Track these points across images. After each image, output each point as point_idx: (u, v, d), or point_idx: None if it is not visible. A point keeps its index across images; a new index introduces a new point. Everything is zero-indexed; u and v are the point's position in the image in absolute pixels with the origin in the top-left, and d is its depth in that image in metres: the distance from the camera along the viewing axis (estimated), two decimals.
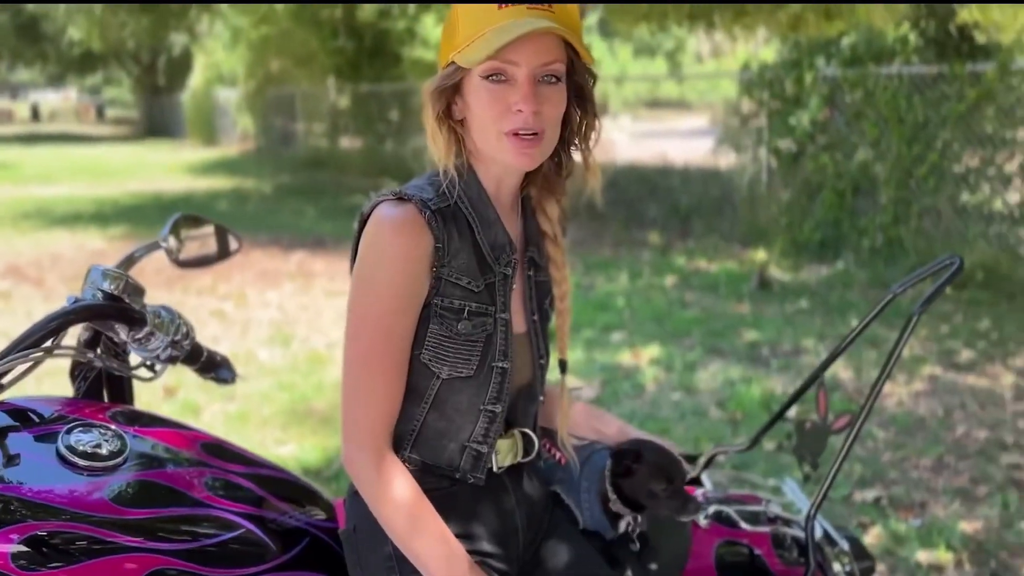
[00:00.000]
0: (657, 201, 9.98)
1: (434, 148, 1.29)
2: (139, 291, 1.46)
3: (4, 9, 27.95)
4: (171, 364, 1.53)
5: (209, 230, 1.75)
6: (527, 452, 1.40)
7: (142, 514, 1.21)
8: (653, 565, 1.50)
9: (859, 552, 1.68)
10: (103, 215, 11.45)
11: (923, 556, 2.97)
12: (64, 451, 1.22)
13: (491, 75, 1.23)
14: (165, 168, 18.56)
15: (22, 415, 1.28)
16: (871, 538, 3.07)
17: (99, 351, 1.48)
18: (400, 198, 1.26)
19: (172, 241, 1.68)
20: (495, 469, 1.35)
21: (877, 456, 3.79)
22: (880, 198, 7.59)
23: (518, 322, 1.36)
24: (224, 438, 1.52)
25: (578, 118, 1.33)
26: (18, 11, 27.72)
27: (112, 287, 1.43)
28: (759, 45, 13.72)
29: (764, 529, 1.65)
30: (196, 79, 27.08)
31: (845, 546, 1.66)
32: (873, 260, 7.43)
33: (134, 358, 1.53)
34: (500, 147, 1.25)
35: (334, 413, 4.24)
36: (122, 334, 1.45)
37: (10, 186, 14.99)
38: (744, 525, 1.64)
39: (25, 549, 1.11)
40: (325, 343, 5.55)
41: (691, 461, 1.53)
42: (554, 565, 1.40)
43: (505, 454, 1.37)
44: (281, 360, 5.24)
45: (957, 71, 7.04)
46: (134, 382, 1.55)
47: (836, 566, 1.65)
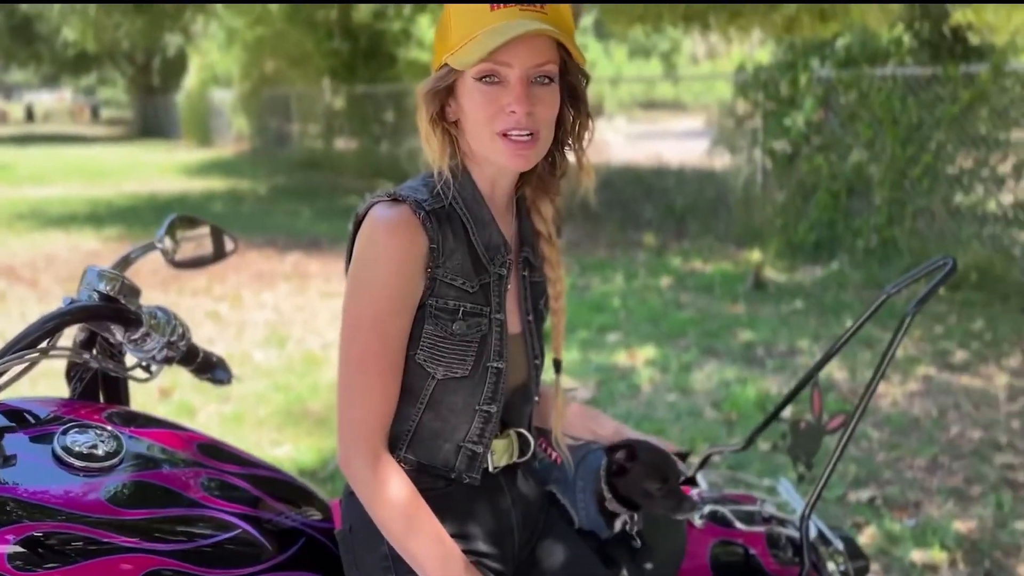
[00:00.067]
0: (652, 202, 9.99)
1: (428, 150, 1.29)
2: (135, 292, 1.46)
3: None
4: (167, 365, 1.53)
5: (205, 231, 1.76)
6: (522, 452, 1.41)
7: (138, 515, 1.21)
8: (648, 564, 1.51)
9: (853, 552, 1.69)
10: (98, 216, 11.43)
11: (917, 556, 2.98)
12: (60, 452, 1.22)
13: (484, 77, 1.23)
14: (160, 169, 18.53)
15: (18, 416, 1.29)
16: (865, 538, 3.08)
17: (95, 352, 1.48)
18: (395, 199, 1.26)
19: (168, 242, 1.68)
20: (491, 469, 1.36)
21: (871, 456, 3.80)
22: (874, 199, 7.61)
23: (513, 322, 1.36)
24: (220, 439, 1.52)
25: (571, 118, 1.33)
26: (12, 12, 27.62)
27: (108, 288, 1.43)
28: (754, 46, 13.75)
29: (759, 529, 1.65)
30: (191, 80, 27.03)
31: (839, 546, 1.66)
32: (867, 261, 7.45)
33: (130, 359, 1.53)
34: (494, 148, 1.26)
35: (330, 414, 4.24)
36: (118, 335, 1.45)
37: (4, 187, 14.95)
38: (739, 525, 1.64)
39: (21, 550, 1.11)
40: (320, 344, 5.55)
41: (683, 458, 1.53)
42: (550, 565, 1.41)
43: (501, 454, 1.37)
44: (276, 361, 5.23)
45: (951, 72, 7.06)
46: (130, 383, 1.55)
47: (831, 566, 1.66)
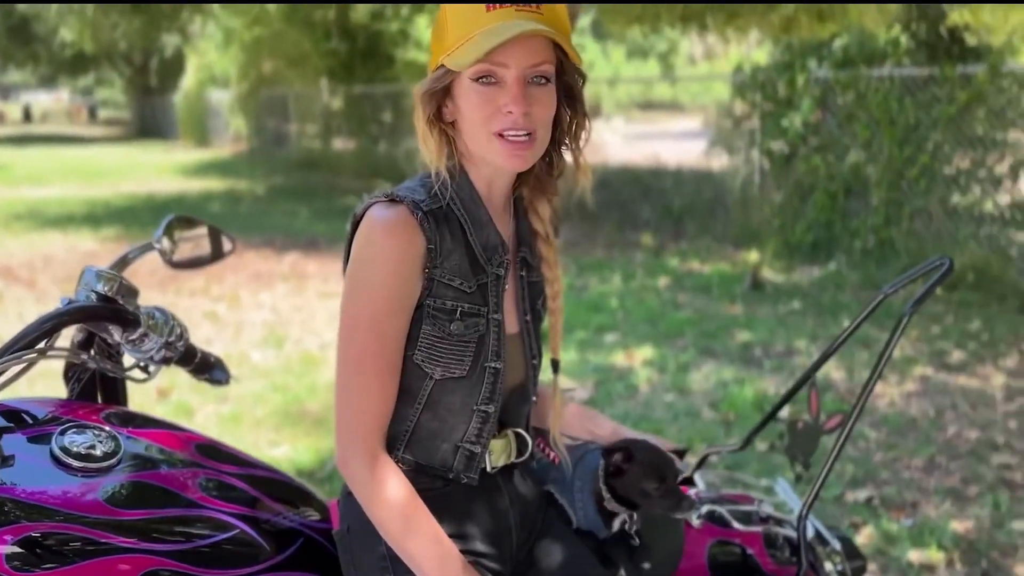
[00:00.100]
0: (650, 203, 9.99)
1: (425, 150, 1.30)
2: (133, 292, 1.47)
3: None
4: (165, 365, 1.53)
5: (202, 231, 1.76)
6: (520, 452, 1.41)
7: (136, 515, 1.21)
8: (646, 564, 1.51)
9: (851, 552, 1.69)
10: (95, 216, 11.42)
11: (914, 556, 2.98)
12: (58, 452, 1.22)
13: (481, 77, 1.23)
14: (157, 169, 18.52)
15: (16, 416, 1.29)
16: (863, 538, 3.09)
17: (93, 352, 1.48)
18: (392, 200, 1.26)
19: (166, 242, 1.68)
20: (488, 469, 1.36)
21: (869, 456, 3.81)
22: (872, 200, 7.62)
23: (511, 322, 1.37)
24: (218, 439, 1.52)
25: (568, 118, 1.33)
26: (9, 12, 27.60)
27: (106, 288, 1.43)
28: (751, 47, 13.76)
29: (756, 529, 1.66)
30: (188, 80, 27.01)
31: (837, 546, 1.67)
32: (865, 261, 7.46)
33: (128, 359, 1.53)
34: (491, 149, 1.26)
35: (327, 414, 4.24)
36: (116, 335, 1.45)
37: (2, 187, 14.93)
38: (737, 525, 1.64)
39: (19, 550, 1.11)
40: (318, 344, 5.55)
41: (681, 455, 1.53)
42: (547, 565, 1.41)
43: (498, 454, 1.37)
44: (274, 361, 5.23)
45: (948, 73, 7.07)
46: (128, 383, 1.55)
47: (828, 565, 1.66)
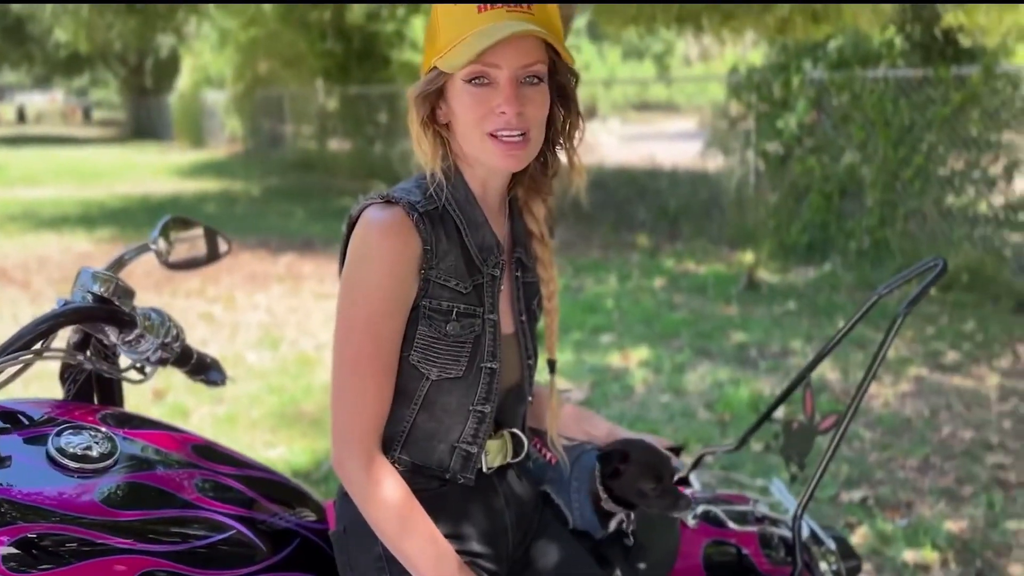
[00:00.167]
0: (646, 203, 10.00)
1: (420, 153, 1.30)
2: (129, 293, 1.47)
3: None
4: (161, 366, 1.53)
5: (198, 232, 1.76)
6: (516, 452, 1.41)
7: (132, 516, 1.21)
8: (642, 564, 1.51)
9: (845, 551, 1.70)
10: (90, 217, 11.40)
11: (909, 555, 2.99)
12: (54, 453, 1.22)
13: (473, 79, 1.24)
14: (152, 170, 18.49)
15: (12, 417, 1.29)
16: (858, 538, 3.09)
17: (89, 353, 1.48)
18: (388, 201, 1.27)
19: (162, 243, 1.68)
20: (485, 469, 1.36)
21: (864, 456, 3.82)
22: (866, 201, 7.63)
23: (506, 323, 1.37)
24: (214, 440, 1.52)
25: (562, 118, 1.34)
26: (4, 12, 27.51)
27: (102, 289, 1.43)
28: (747, 48, 13.79)
29: (752, 529, 1.66)
30: (184, 81, 26.96)
31: (832, 545, 1.68)
32: (860, 262, 7.47)
33: (124, 360, 1.53)
34: (485, 149, 1.26)
35: (323, 415, 4.24)
36: (112, 336, 1.45)
37: None
38: (732, 525, 1.65)
39: (15, 551, 1.11)
40: (314, 345, 5.55)
41: (677, 452, 1.54)
42: (543, 565, 1.41)
43: (495, 454, 1.38)
44: (270, 363, 5.23)
45: (942, 74, 7.09)
46: (124, 384, 1.55)
47: (823, 565, 1.67)
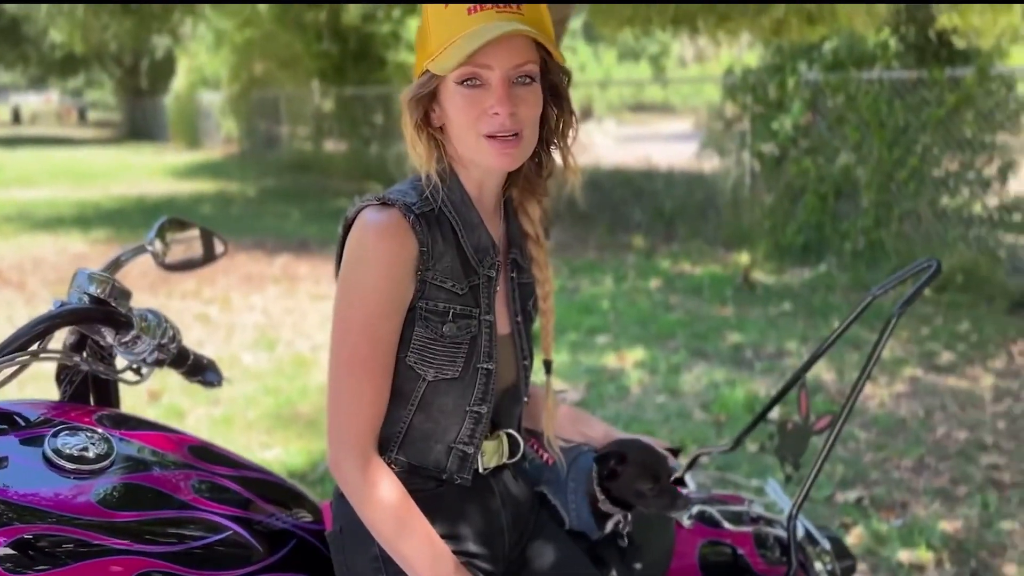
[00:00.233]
0: (641, 205, 10.01)
1: (414, 155, 1.30)
2: (125, 295, 1.47)
3: None
4: (157, 367, 1.53)
5: (194, 233, 1.76)
6: (512, 453, 1.41)
7: (129, 517, 1.22)
8: (638, 565, 1.52)
9: (840, 551, 1.70)
10: (85, 218, 11.38)
11: (904, 556, 3.00)
12: (51, 454, 1.22)
13: (465, 80, 1.24)
14: (148, 171, 18.46)
15: (8, 419, 1.29)
16: (853, 538, 3.10)
17: (85, 355, 1.48)
18: (384, 203, 1.27)
19: (158, 244, 1.68)
20: (481, 470, 1.36)
21: (859, 457, 3.83)
22: (861, 202, 7.65)
23: (502, 324, 1.37)
24: (210, 441, 1.52)
25: (555, 117, 1.34)
26: None
27: (98, 291, 1.43)
28: (742, 50, 13.80)
29: (747, 529, 1.67)
30: (179, 82, 26.92)
31: (827, 545, 1.68)
32: (855, 263, 7.49)
33: (120, 361, 1.53)
34: (479, 150, 1.26)
35: (319, 417, 4.24)
36: (108, 338, 1.45)
37: None
38: (727, 525, 1.65)
39: (12, 552, 1.11)
40: (310, 346, 5.54)
41: (675, 454, 1.54)
42: (540, 565, 1.42)
43: (491, 455, 1.38)
44: (266, 364, 5.22)
45: (937, 76, 7.11)
46: (120, 385, 1.55)
47: (818, 565, 1.67)
